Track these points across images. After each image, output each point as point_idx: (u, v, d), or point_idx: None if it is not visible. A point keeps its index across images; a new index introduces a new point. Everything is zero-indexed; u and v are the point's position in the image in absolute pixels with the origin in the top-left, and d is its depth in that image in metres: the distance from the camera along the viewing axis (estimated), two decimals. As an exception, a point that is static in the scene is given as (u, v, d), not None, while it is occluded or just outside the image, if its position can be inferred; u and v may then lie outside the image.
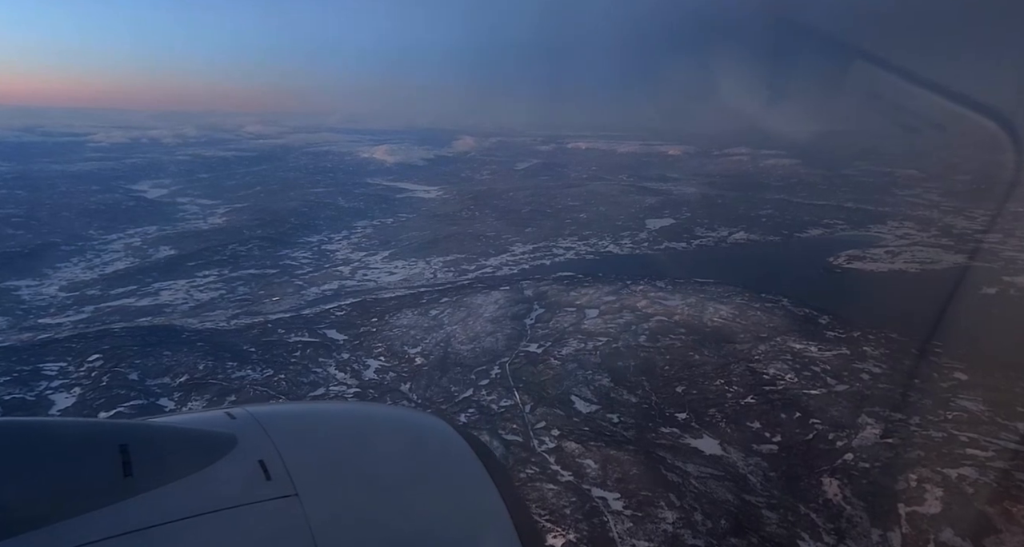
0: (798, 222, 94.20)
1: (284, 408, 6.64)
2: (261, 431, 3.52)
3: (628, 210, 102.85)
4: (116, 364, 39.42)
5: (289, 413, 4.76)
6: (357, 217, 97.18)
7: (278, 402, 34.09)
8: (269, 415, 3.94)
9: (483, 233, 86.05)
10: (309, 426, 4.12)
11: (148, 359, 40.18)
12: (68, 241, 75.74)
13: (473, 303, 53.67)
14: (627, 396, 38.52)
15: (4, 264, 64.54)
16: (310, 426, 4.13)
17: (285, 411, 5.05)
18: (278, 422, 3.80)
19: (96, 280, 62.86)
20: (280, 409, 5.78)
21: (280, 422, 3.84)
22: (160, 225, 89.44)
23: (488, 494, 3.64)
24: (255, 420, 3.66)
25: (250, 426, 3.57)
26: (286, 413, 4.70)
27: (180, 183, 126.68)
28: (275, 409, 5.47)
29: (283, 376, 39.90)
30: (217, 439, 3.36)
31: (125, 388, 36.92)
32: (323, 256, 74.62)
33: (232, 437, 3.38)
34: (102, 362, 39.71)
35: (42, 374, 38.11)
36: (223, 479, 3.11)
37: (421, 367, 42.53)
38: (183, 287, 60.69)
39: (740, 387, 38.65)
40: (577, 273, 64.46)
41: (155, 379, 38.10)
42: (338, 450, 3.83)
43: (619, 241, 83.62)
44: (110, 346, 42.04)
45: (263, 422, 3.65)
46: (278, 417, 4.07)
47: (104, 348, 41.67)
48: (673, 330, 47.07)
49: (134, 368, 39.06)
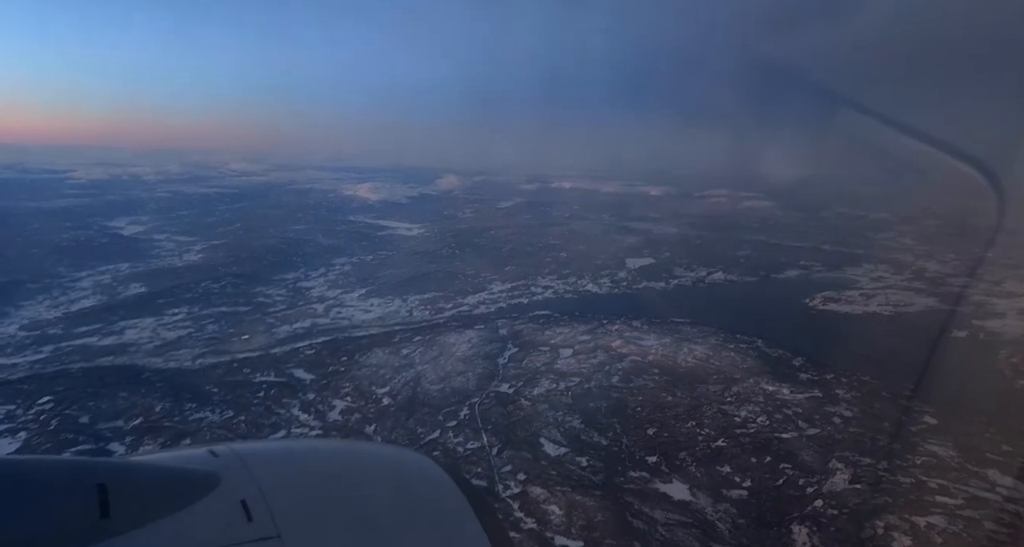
0: (775, 263, 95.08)
1: (269, 446, 6.53)
2: (245, 470, 3.47)
3: (608, 249, 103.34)
4: (67, 407, 38.12)
5: (273, 451, 4.64)
6: (336, 254, 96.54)
7: (263, 440, 33.18)
8: (253, 453, 3.89)
9: (462, 271, 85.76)
10: (293, 465, 4.04)
11: (102, 401, 38.92)
12: (35, 279, 73.91)
13: (446, 342, 53.03)
14: (597, 438, 37.81)
15: (-37, 304, 62.68)
16: (294, 465, 4.05)
17: (269, 449, 4.92)
18: (262, 460, 3.75)
19: (59, 319, 61.17)
20: (265, 447, 5.67)
21: (264, 460, 3.79)
22: (133, 262, 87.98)
23: (475, 533, 3.62)
24: (239, 458, 3.61)
25: (234, 464, 3.52)
26: (270, 451, 4.58)
27: (158, 220, 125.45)
28: (259, 447, 5.28)
29: (243, 418, 38.78)
30: (199, 478, 3.30)
31: (74, 432, 35.55)
32: (298, 293, 73.66)
33: (215, 476, 3.32)
34: (53, 405, 38.37)
35: (-15, 418, 36.67)
36: (204, 520, 3.04)
37: (388, 408, 41.59)
38: (150, 325, 59.21)
39: (711, 430, 38.12)
40: (554, 312, 64.18)
41: (107, 422, 36.79)
42: (323, 489, 3.71)
43: (598, 280, 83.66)
44: (64, 388, 40.71)
45: (247, 460, 3.60)
46: (262, 455, 4.02)
47: (58, 390, 40.34)
48: (647, 370, 46.67)
49: (86, 411, 37.77)
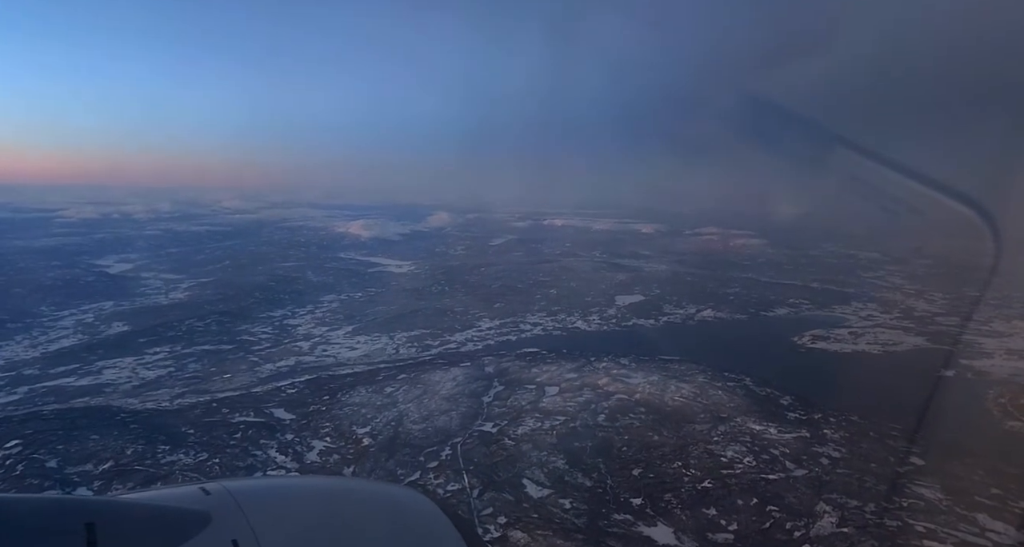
0: (764, 301, 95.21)
1: (261, 483, 6.38)
2: (236, 508, 3.41)
3: (599, 286, 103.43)
4: (36, 450, 36.91)
5: (266, 489, 4.52)
6: (324, 292, 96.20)
7: (256, 477, 32.25)
8: (245, 491, 3.79)
9: (451, 308, 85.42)
10: (286, 502, 3.94)
11: (72, 444, 37.75)
12: (15, 318, 73.26)
13: (431, 380, 52.31)
14: (581, 479, 36.94)
15: (-62, 345, 61.66)
16: (287, 502, 3.94)
17: (262, 486, 4.78)
18: (254, 498, 3.67)
19: (37, 359, 60.26)
20: (257, 484, 5.52)
21: (256, 498, 3.71)
22: (118, 300, 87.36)
23: None
24: (231, 496, 3.55)
25: (225, 502, 3.46)
26: (263, 489, 4.45)
27: (147, 258, 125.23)
28: (251, 484, 5.12)
29: (217, 460, 37.68)
30: (189, 517, 3.24)
31: (40, 477, 34.38)
32: (284, 331, 72.98)
33: (206, 515, 3.27)
34: (20, 448, 37.12)
35: (-49, 463, 35.49)
36: None
37: (368, 448, 40.62)
38: (129, 365, 58.34)
39: (697, 470, 37.34)
40: (541, 349, 63.65)
41: (76, 466, 35.61)
42: (315, 528, 3.68)
43: (587, 317, 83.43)
44: (33, 430, 39.49)
45: (238, 498, 3.53)
46: (254, 493, 3.92)
47: (26, 432, 39.11)
48: (633, 409, 45.98)
49: (55, 454, 36.57)
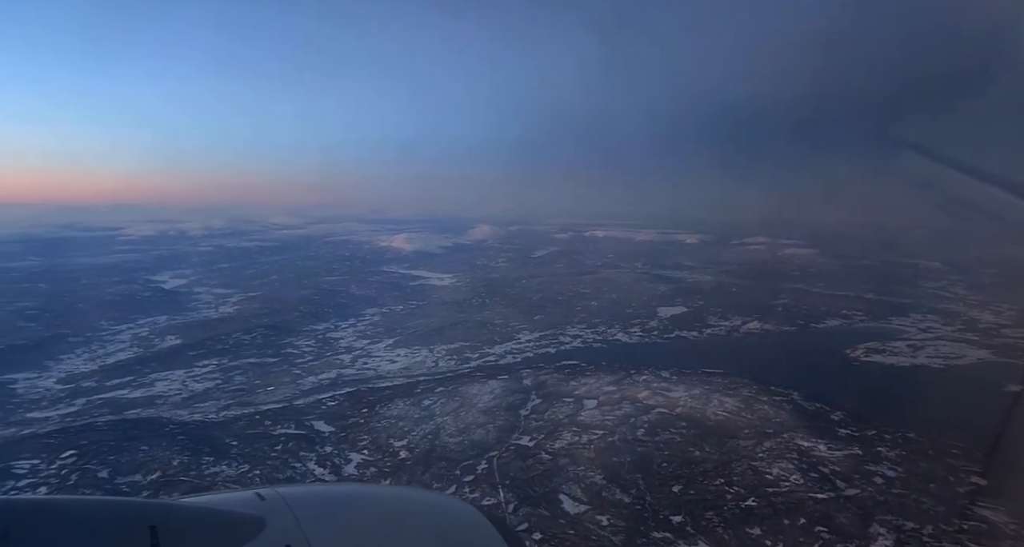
0: (815, 312, 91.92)
1: (314, 490, 6.42)
2: (290, 514, 3.54)
3: (640, 298, 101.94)
4: (89, 461, 38.26)
5: (319, 495, 4.64)
6: (367, 305, 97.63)
7: (308, 483, 32.90)
8: (298, 497, 3.94)
9: (491, 321, 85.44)
10: (338, 510, 4.07)
11: (123, 455, 39.01)
12: (77, 332, 76.59)
13: (468, 393, 52.21)
14: (620, 495, 36.03)
15: (9, 357, 65.06)
16: (339, 510, 4.07)
17: (315, 493, 4.89)
18: (307, 505, 3.80)
19: (95, 371, 62.75)
20: (310, 491, 5.58)
21: (309, 505, 3.83)
22: (171, 315, 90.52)
23: None
24: (284, 502, 3.70)
25: (279, 508, 3.61)
26: (315, 495, 4.59)
27: (200, 273, 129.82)
28: (305, 491, 5.24)
29: (258, 472, 38.32)
30: (245, 522, 3.39)
31: (92, 487, 35.57)
32: (326, 344, 74.23)
33: (261, 520, 3.41)
34: (75, 459, 38.56)
35: (11, 473, 36.95)
36: None
37: (404, 461, 40.65)
38: (179, 377, 60.23)
39: (741, 488, 35.96)
40: (581, 362, 62.83)
41: (125, 477, 36.72)
42: (366, 535, 3.80)
43: (628, 329, 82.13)
44: (88, 441, 41.00)
45: (292, 504, 3.68)
46: (307, 499, 4.04)
47: (82, 443, 40.64)
48: (674, 423, 44.78)
49: (106, 465, 37.80)
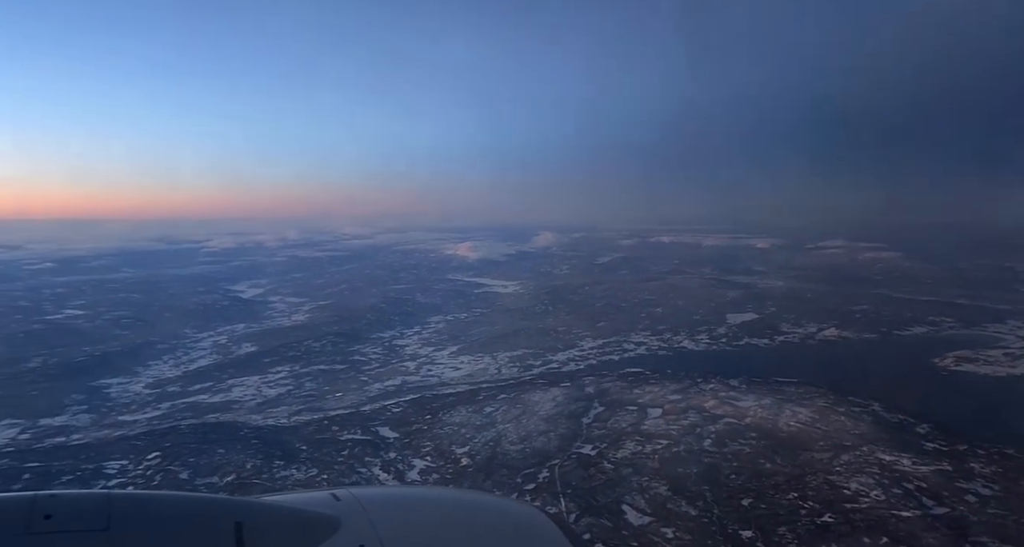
0: (899, 319, 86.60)
1: (386, 492, 6.90)
2: (364, 515, 3.68)
3: (708, 304, 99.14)
4: (172, 462, 40.58)
5: (391, 497, 4.83)
6: (432, 313, 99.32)
7: (381, 485, 34.07)
8: (372, 498, 4.11)
9: (554, 328, 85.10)
10: (410, 512, 4.22)
11: (202, 457, 41.15)
12: (164, 340, 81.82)
13: (530, 400, 52.05)
14: (685, 508, 34.84)
15: (105, 363, 70.15)
16: (411, 512, 4.22)
17: (387, 495, 5.11)
18: (380, 506, 3.94)
19: (179, 377, 66.59)
20: (382, 493, 5.91)
21: (382, 506, 3.98)
22: (248, 323, 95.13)
23: None
24: (359, 503, 3.86)
25: (354, 509, 3.75)
26: (388, 497, 4.77)
27: (274, 283, 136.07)
28: (378, 493, 5.52)
29: (326, 476, 39.42)
30: (322, 521, 3.54)
31: (173, 488, 37.56)
32: (392, 351, 75.89)
33: (336, 520, 3.55)
34: (159, 460, 40.99)
35: (103, 473, 39.60)
36: None
37: (466, 468, 40.83)
38: (255, 383, 63.01)
39: (816, 503, 34.05)
40: (645, 370, 61.62)
41: (204, 478, 38.66)
42: (438, 538, 3.86)
43: (695, 336, 79.85)
44: (171, 444, 43.59)
45: (366, 506, 3.82)
46: (380, 501, 4.21)
47: (166, 445, 43.25)
48: (743, 434, 43.05)
49: (187, 467, 39.97)
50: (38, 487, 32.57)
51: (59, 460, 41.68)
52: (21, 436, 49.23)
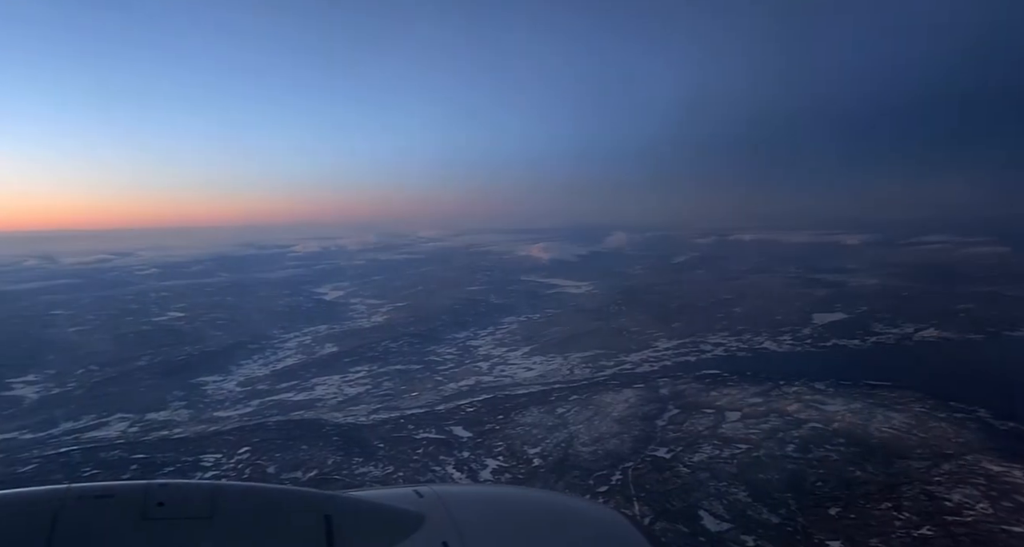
0: (1009, 319, 79.41)
1: (468, 490, 7.05)
2: (446, 512, 3.76)
3: (792, 304, 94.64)
4: (260, 457, 42.82)
5: (473, 496, 4.90)
6: (505, 313, 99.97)
7: (462, 483, 34.83)
8: (454, 496, 4.21)
9: (627, 328, 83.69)
10: (492, 511, 4.24)
11: (288, 453, 43.17)
12: (254, 340, 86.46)
13: (603, 401, 51.36)
14: (767, 515, 33.31)
15: (202, 362, 75.05)
16: (493, 511, 4.25)
17: (469, 494, 5.19)
18: (462, 504, 4.02)
19: (267, 376, 70.09)
20: (464, 491, 5.97)
21: (464, 505, 4.05)
22: (330, 324, 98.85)
23: None
24: (441, 500, 3.95)
25: (436, 506, 3.84)
26: (470, 496, 4.83)
27: (355, 285, 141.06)
28: (459, 491, 5.68)
29: (401, 474, 40.36)
30: (407, 517, 3.63)
31: (262, 481, 39.55)
32: (466, 352, 76.91)
33: (420, 516, 3.65)
34: (249, 454, 43.35)
35: (200, 465, 42.29)
36: None
37: (538, 469, 40.70)
38: (336, 382, 65.43)
39: (913, 514, 31.70)
40: (723, 372, 59.45)
41: (289, 473, 40.45)
42: (519, 538, 3.91)
43: (777, 337, 76.28)
44: (260, 439, 45.99)
45: (448, 503, 3.91)
46: (462, 499, 4.29)
47: (254, 441, 45.69)
48: (830, 440, 40.73)
49: (274, 462, 42.06)
50: (144, 477, 35.18)
51: (162, 452, 44.80)
52: (130, 429, 53.28)
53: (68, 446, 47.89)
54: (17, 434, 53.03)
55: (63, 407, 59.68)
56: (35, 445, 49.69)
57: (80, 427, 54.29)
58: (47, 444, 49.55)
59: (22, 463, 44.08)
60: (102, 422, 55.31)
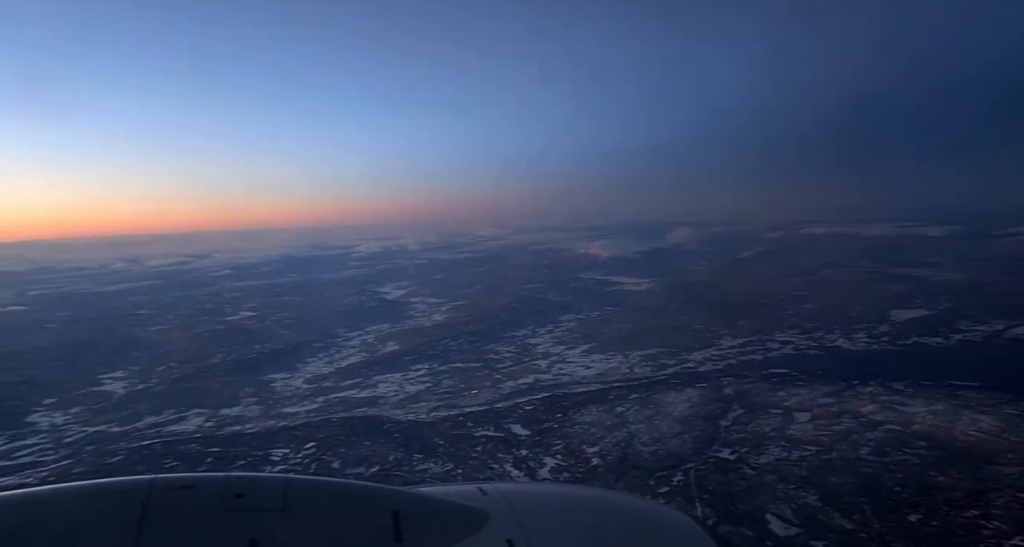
0: (1114, 315, 72.57)
1: (532, 488, 7.03)
2: (510, 510, 3.78)
3: (867, 300, 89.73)
4: (325, 452, 44.15)
5: (537, 494, 4.93)
6: (564, 311, 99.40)
7: (525, 481, 34.95)
8: (518, 494, 4.24)
9: (689, 326, 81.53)
10: (557, 510, 4.24)
11: (351, 448, 44.32)
12: (320, 339, 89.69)
13: (664, 401, 50.16)
14: (839, 520, 31.66)
15: (272, 360, 78.36)
16: (558, 510, 4.24)
17: (532, 492, 5.22)
18: (526, 502, 4.04)
19: (332, 373, 72.50)
20: (527, 489, 5.96)
21: (528, 503, 4.07)
22: (392, 322, 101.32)
23: None
24: (504, 498, 3.98)
25: (500, 504, 3.87)
26: (533, 494, 4.86)
27: (416, 284, 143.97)
28: (523, 489, 5.58)
29: (460, 471, 40.64)
30: (472, 514, 3.67)
31: (326, 476, 40.70)
32: (525, 350, 76.92)
33: (485, 513, 3.68)
34: (315, 449, 44.78)
35: (269, 459, 43.92)
36: None
37: (597, 468, 40.14)
38: (397, 380, 66.94)
39: (1005, 523, 29.39)
40: (791, 371, 57.01)
41: (352, 468, 41.51)
42: (584, 537, 3.90)
43: (851, 335, 72.49)
44: (325, 435, 47.39)
45: (512, 501, 3.94)
46: (526, 497, 4.30)
47: (320, 436, 47.13)
48: (909, 443, 38.31)
49: (338, 457, 43.28)
50: (219, 469, 36.84)
51: (235, 447, 46.84)
52: (206, 424, 56.12)
53: (151, 439, 50.87)
54: (106, 427, 56.83)
55: (146, 402, 63.58)
56: (122, 437, 53.10)
57: (161, 421, 57.63)
58: (132, 437, 52.86)
59: (111, 454, 47.10)
60: (181, 417, 58.49)
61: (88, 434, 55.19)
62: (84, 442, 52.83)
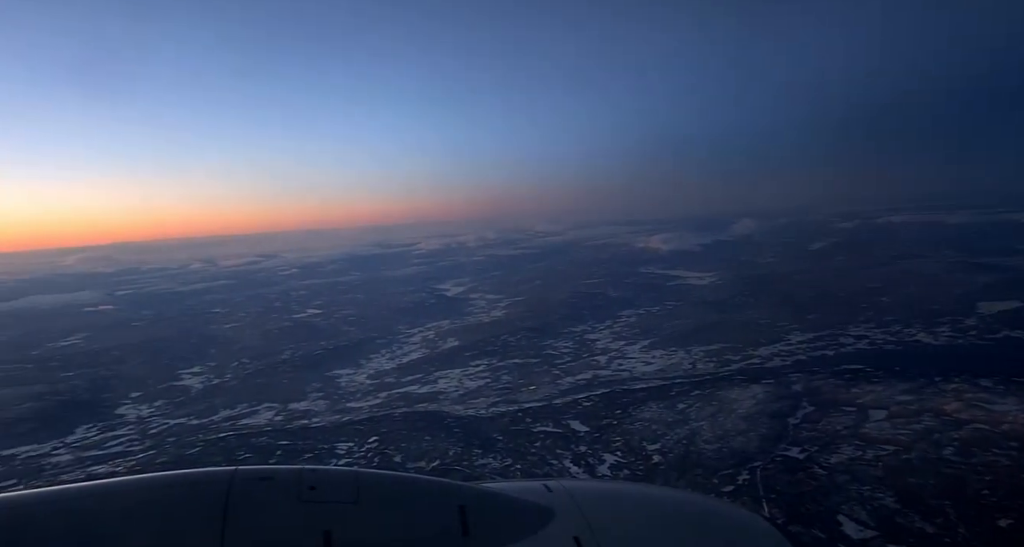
0: None
1: (596, 486, 7.02)
2: (576, 507, 3.78)
3: (951, 292, 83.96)
4: (387, 446, 45.10)
5: (603, 491, 4.92)
6: (623, 306, 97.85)
7: (590, 479, 35.09)
8: (583, 491, 4.22)
9: (755, 321, 78.67)
10: (623, 508, 4.22)
11: (412, 443, 45.09)
12: (382, 335, 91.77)
13: (728, 397, 48.59)
14: (919, 523, 29.80)
15: (336, 356, 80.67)
16: (624, 508, 4.23)
17: (598, 489, 5.17)
18: (592, 500, 4.02)
19: (394, 369, 73.98)
20: (593, 486, 5.99)
21: (594, 500, 4.05)
22: (452, 319, 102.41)
23: None
24: (570, 495, 3.97)
25: (566, 501, 3.86)
26: (599, 491, 4.84)
27: (475, 281, 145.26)
28: (588, 486, 5.78)
29: (519, 467, 40.59)
30: (537, 511, 3.69)
31: (389, 470, 41.54)
32: (583, 346, 76.21)
33: (550, 510, 3.70)
34: (377, 444, 45.82)
35: (334, 452, 45.28)
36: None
37: (657, 466, 39.28)
38: (457, 376, 67.58)
39: (1110, 534, 26.87)
40: (866, 366, 53.99)
41: (413, 462, 42.17)
42: (654, 537, 3.86)
43: (933, 329, 68.11)
44: (387, 429, 48.44)
45: (577, 498, 3.93)
46: (592, 495, 4.29)
47: (382, 431, 48.21)
48: (997, 443, 35.65)
49: (400, 451, 44.12)
50: (288, 462, 38.02)
51: (303, 440, 48.40)
52: (276, 418, 58.35)
53: (226, 432, 53.29)
54: (186, 420, 60.02)
55: (221, 396, 66.76)
56: (200, 430, 55.92)
57: (235, 414, 60.35)
58: (209, 429, 55.57)
59: (190, 446, 49.59)
60: (253, 410, 61.09)
61: (170, 426, 58.42)
62: (166, 434, 55.91)
